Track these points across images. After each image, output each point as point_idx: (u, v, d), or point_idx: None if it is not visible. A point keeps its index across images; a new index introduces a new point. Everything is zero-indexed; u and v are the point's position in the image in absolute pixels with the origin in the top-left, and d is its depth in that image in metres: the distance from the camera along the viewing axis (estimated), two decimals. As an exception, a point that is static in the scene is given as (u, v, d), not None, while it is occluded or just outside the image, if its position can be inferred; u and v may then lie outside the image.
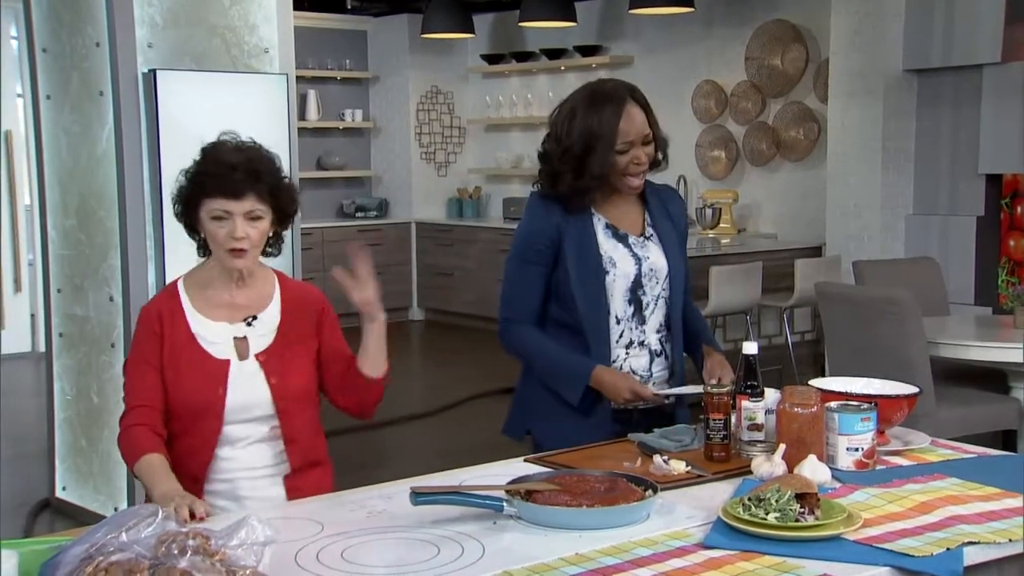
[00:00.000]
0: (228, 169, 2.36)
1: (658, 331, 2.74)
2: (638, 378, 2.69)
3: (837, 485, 2.19)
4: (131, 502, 4.23)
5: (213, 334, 2.46)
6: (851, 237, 6.90)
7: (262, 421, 2.44)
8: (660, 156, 2.72)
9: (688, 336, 2.84)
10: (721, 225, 7.96)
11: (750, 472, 2.26)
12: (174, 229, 4.18)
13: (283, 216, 2.48)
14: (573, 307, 2.68)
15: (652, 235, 2.75)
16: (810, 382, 2.55)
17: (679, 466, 2.29)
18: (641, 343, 2.72)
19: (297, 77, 4.60)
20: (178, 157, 4.18)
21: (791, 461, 2.23)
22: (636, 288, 2.70)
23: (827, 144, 7.17)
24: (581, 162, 2.61)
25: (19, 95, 8.40)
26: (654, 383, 2.71)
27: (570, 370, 2.67)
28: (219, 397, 2.41)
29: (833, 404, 2.34)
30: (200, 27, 4.29)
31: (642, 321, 2.72)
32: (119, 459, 4.30)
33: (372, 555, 1.87)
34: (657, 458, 2.31)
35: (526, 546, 1.89)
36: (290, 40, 4.52)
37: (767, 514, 1.93)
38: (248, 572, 1.63)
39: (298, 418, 2.48)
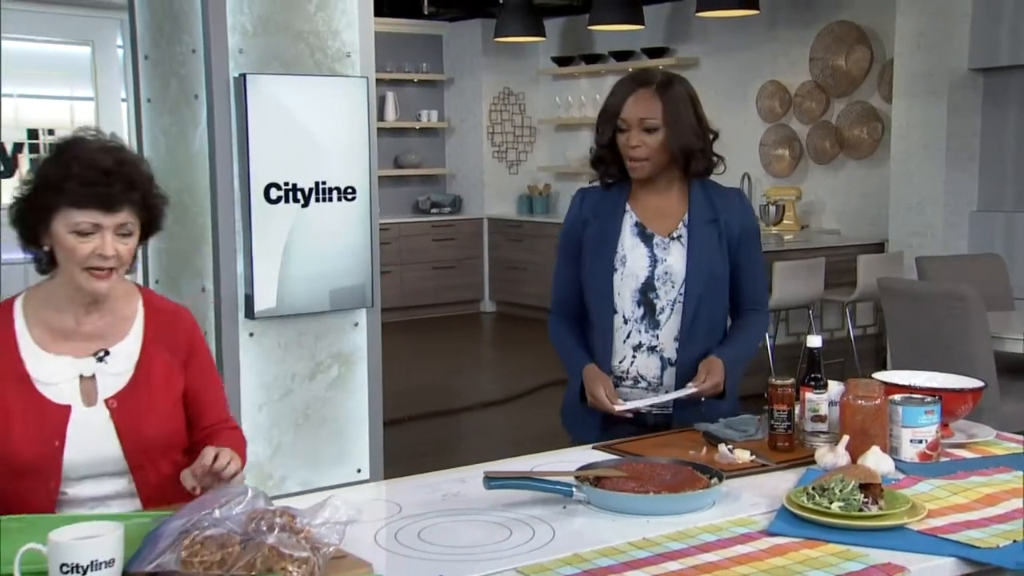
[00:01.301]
0: (101, 175, 1.92)
1: (676, 339, 2.55)
2: (645, 384, 2.56)
3: (901, 476, 2.15)
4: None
5: (51, 373, 1.96)
6: (914, 233, 6.75)
7: (112, 478, 1.99)
8: (676, 153, 2.50)
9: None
10: (784, 221, 7.85)
11: (813, 462, 2.22)
12: (263, 223, 4.26)
13: (149, 232, 2.06)
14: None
15: (681, 236, 2.56)
16: (874, 375, 2.49)
17: (744, 455, 2.26)
18: (652, 348, 2.56)
19: (376, 80, 4.63)
20: (266, 156, 4.26)
21: (854, 452, 2.18)
22: (647, 290, 2.54)
23: (891, 142, 7.03)
24: (597, 131, 2.57)
25: (123, 99, 8.59)
26: (667, 390, 2.56)
27: (572, 366, 2.60)
28: (55, 451, 1.92)
29: (897, 397, 2.29)
30: (287, 34, 4.34)
31: (655, 325, 2.55)
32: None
33: (447, 536, 1.87)
34: (722, 447, 2.29)
35: (595, 530, 1.88)
36: (371, 45, 4.54)
37: (831, 503, 1.89)
38: (331, 550, 1.65)
39: (158, 471, 2.02)
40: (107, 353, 2.01)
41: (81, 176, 1.92)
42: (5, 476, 1.91)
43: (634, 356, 2.57)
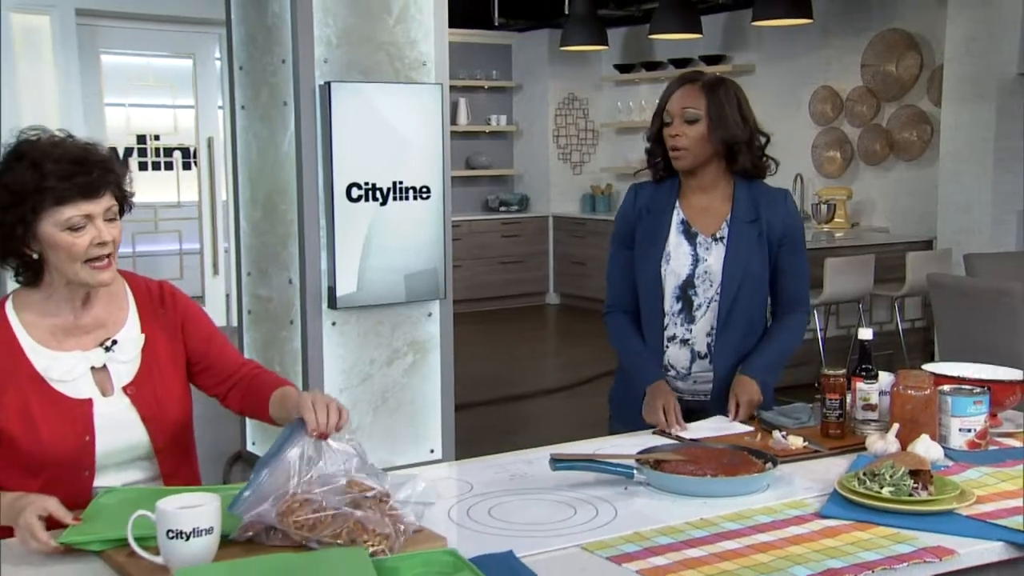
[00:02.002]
0: (76, 165, 1.79)
1: (709, 334, 2.49)
2: (674, 372, 2.52)
3: (950, 463, 2.10)
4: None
5: (64, 369, 1.86)
6: (961, 231, 6.59)
7: (139, 462, 1.93)
8: (717, 144, 2.43)
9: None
10: (835, 220, 7.71)
11: (864, 449, 2.18)
12: (345, 220, 4.30)
13: (122, 212, 1.89)
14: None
15: (724, 236, 2.48)
16: (924, 366, 2.44)
17: (797, 441, 2.23)
18: (684, 341, 2.50)
19: (450, 86, 4.64)
20: (348, 157, 4.30)
21: (904, 440, 2.14)
22: (687, 287, 2.49)
23: (939, 145, 6.87)
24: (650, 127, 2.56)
25: (220, 106, 8.74)
26: (695, 381, 2.52)
27: (638, 371, 2.53)
28: (87, 445, 1.85)
29: (946, 387, 2.23)
30: (368, 44, 4.37)
31: (690, 320, 2.50)
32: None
33: (516, 513, 1.87)
34: (776, 433, 2.26)
35: (655, 510, 1.87)
36: (445, 54, 4.56)
37: (881, 488, 1.85)
38: (412, 527, 1.66)
39: (178, 451, 1.98)
40: (115, 342, 1.91)
41: (58, 172, 1.78)
42: (38, 472, 1.83)
43: (667, 346, 2.53)
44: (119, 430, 1.88)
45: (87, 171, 1.79)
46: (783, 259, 2.52)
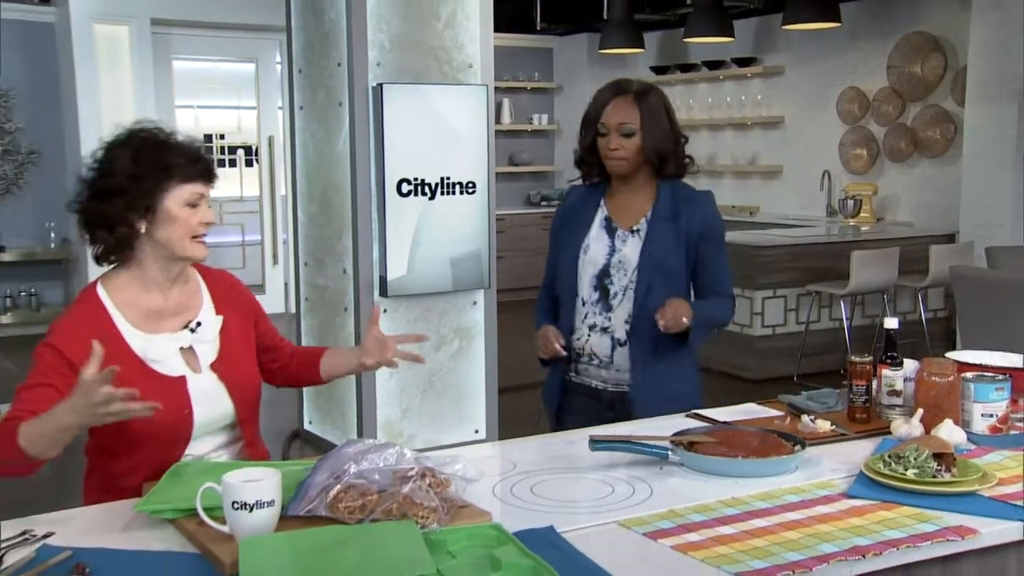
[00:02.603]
0: (198, 153, 1.93)
1: (626, 321, 2.46)
2: (598, 361, 2.49)
3: (972, 447, 2.06)
4: (359, 434, 4.39)
5: (158, 350, 1.91)
6: (983, 225, 6.46)
7: (223, 432, 2.01)
8: (650, 156, 2.44)
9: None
10: (861, 214, 7.61)
11: (889, 432, 2.15)
12: (395, 214, 4.32)
13: None
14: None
15: (640, 230, 2.48)
16: (947, 355, 2.40)
17: (824, 425, 2.20)
18: (604, 329, 2.48)
19: (494, 88, 4.63)
20: (398, 154, 4.31)
21: (928, 425, 2.11)
22: (603, 276, 2.48)
23: (962, 143, 6.74)
24: (580, 134, 2.54)
25: (280, 107, 8.81)
26: (617, 370, 2.48)
27: (536, 333, 2.56)
28: (186, 418, 1.90)
29: (969, 374, 2.20)
30: (418, 48, 4.37)
31: (608, 308, 2.48)
32: (351, 399, 4.50)
33: (557, 491, 1.87)
34: (805, 417, 2.23)
35: (688, 489, 1.85)
36: (490, 57, 4.55)
37: (906, 470, 1.83)
38: (458, 502, 1.66)
39: (254, 421, 2.06)
40: (199, 324, 1.97)
41: (186, 155, 1.90)
42: (143, 447, 1.87)
43: (589, 335, 2.51)
44: (211, 403, 1.95)
45: (207, 159, 1.93)
46: (703, 253, 2.51)
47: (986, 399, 2.15)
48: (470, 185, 4.45)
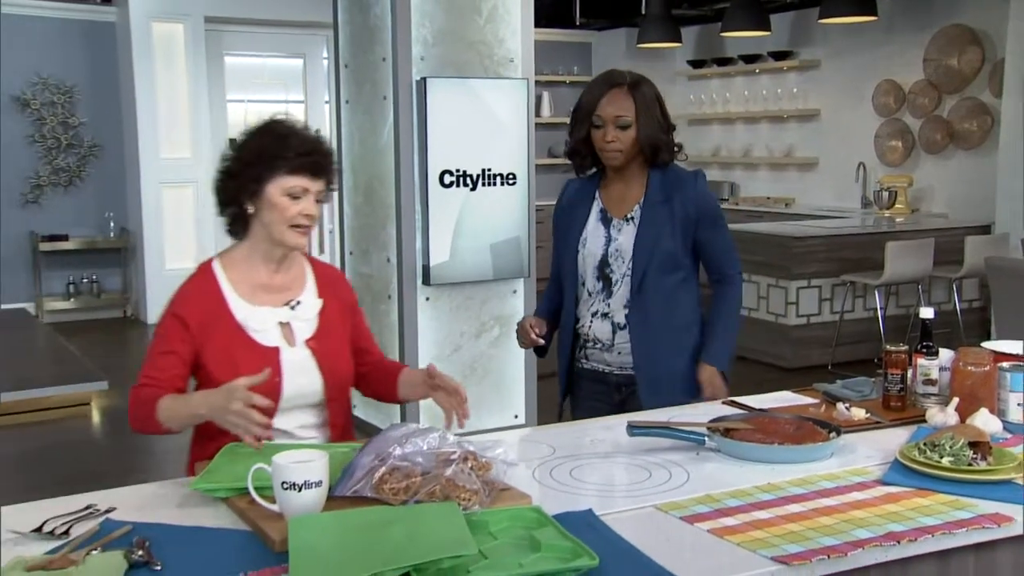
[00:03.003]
0: (313, 148, 2.01)
1: (625, 306, 2.46)
2: (600, 345, 2.50)
3: (1008, 436, 2.01)
4: (403, 419, 4.41)
5: (259, 321, 2.01)
6: (1019, 217, 6.32)
7: (312, 410, 2.04)
8: (645, 146, 2.41)
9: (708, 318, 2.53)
10: (896, 206, 7.48)
11: (924, 421, 2.11)
12: (438, 204, 4.33)
13: (322, 202, 2.06)
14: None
15: (634, 217, 2.47)
16: (983, 344, 2.35)
17: (859, 413, 2.16)
18: (604, 314, 2.49)
19: (534, 81, 4.61)
20: (441, 147, 4.32)
21: (963, 413, 2.06)
22: (603, 266, 2.48)
23: (999, 135, 6.59)
24: (572, 127, 2.49)
25: (326, 101, 8.86)
26: (619, 352, 2.48)
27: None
28: (275, 385, 1.95)
29: (1006, 364, 2.15)
30: (460, 43, 4.37)
31: (609, 295, 2.48)
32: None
33: (595, 475, 1.86)
34: (840, 405, 2.20)
35: (725, 474, 1.84)
36: (531, 51, 4.54)
37: (941, 458, 1.79)
38: (499, 485, 1.66)
39: (342, 403, 2.10)
40: (299, 303, 2.05)
41: (299, 147, 1.98)
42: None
43: (591, 321, 2.51)
44: (301, 375, 2.01)
45: (320, 155, 2.00)
46: (702, 233, 2.48)
47: (1022, 388, 2.10)
48: (510, 176, 4.44)
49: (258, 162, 1.97)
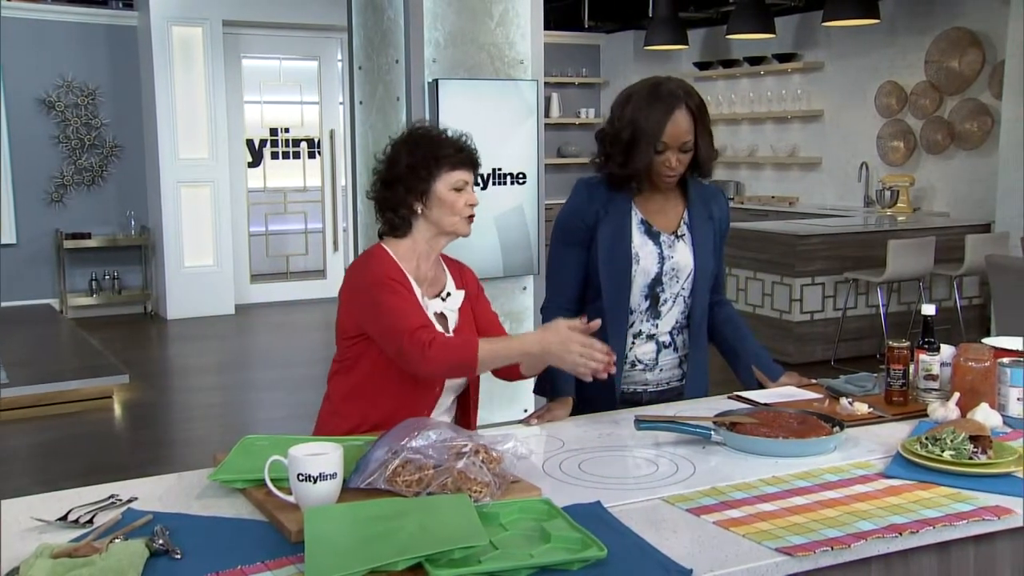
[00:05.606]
0: (464, 144, 2.12)
1: (673, 327, 2.33)
2: (642, 366, 2.33)
3: (1008, 430, 2.01)
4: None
5: (427, 308, 2.11)
6: (1019, 216, 6.29)
7: (455, 391, 2.15)
8: (702, 164, 2.27)
9: (722, 337, 2.44)
10: (898, 205, 7.45)
11: (926, 415, 2.10)
12: (450, 204, 4.32)
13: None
14: (599, 295, 2.31)
15: (685, 234, 2.31)
16: (983, 340, 2.34)
17: (862, 407, 2.16)
18: (650, 336, 2.32)
19: (544, 83, 4.60)
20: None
21: (964, 408, 2.06)
22: (655, 285, 2.29)
23: (999, 135, 6.55)
24: (627, 151, 2.22)
25: (340, 102, 8.87)
26: (662, 370, 2.35)
27: (551, 385, 2.28)
28: None
29: (1005, 360, 2.14)
30: (472, 45, 4.37)
31: (656, 315, 2.31)
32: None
33: (604, 468, 1.86)
34: (843, 400, 2.19)
35: (730, 468, 1.83)
36: (540, 53, 4.53)
37: (943, 451, 1.79)
38: (510, 477, 1.66)
39: (476, 385, 2.20)
40: (449, 294, 2.15)
41: (453, 146, 2.10)
42: (401, 386, 2.03)
43: (633, 342, 2.33)
44: None
45: (471, 150, 2.13)
46: (717, 252, 2.40)
47: (1022, 383, 2.09)
48: (521, 176, 4.44)
49: (423, 165, 2.08)
